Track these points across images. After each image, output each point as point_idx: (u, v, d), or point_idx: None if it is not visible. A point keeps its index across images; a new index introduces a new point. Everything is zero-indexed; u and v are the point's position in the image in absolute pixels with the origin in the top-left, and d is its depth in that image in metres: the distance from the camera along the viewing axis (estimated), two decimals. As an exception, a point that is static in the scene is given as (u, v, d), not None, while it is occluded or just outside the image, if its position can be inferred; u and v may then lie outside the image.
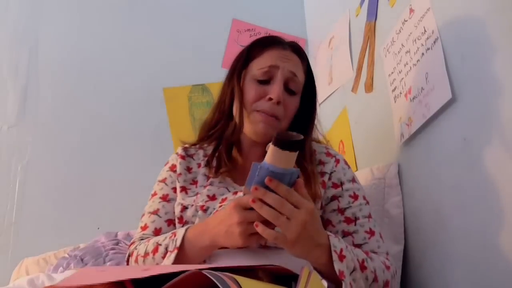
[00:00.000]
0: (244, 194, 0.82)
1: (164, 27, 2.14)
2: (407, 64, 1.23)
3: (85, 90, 2.02)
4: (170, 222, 1.03)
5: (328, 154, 1.08)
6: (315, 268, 0.84)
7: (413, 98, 1.18)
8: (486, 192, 0.91)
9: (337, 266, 0.80)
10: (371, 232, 0.98)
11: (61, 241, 1.65)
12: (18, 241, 1.82)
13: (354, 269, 0.83)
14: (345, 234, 0.98)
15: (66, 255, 1.42)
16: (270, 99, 1.00)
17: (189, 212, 0.99)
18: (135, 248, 0.99)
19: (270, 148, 0.75)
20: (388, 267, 0.92)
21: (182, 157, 1.11)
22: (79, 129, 1.97)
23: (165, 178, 1.10)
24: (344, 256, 0.82)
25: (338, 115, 1.74)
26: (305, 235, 0.77)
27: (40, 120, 1.96)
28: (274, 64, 1.03)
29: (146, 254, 0.95)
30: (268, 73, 1.03)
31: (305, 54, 1.12)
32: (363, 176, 1.34)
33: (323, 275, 0.82)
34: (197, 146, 1.15)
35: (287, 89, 1.03)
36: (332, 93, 1.84)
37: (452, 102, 1.01)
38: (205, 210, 0.98)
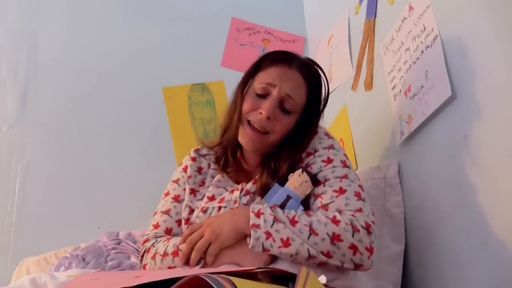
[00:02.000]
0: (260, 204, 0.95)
1: (163, 26, 2.14)
2: (406, 62, 1.23)
3: (85, 90, 2.01)
4: (180, 223, 1.08)
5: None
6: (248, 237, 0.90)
7: (412, 96, 1.18)
8: (487, 190, 0.91)
9: (253, 221, 0.88)
10: (341, 191, 0.94)
11: (61, 241, 1.65)
12: (18, 241, 1.82)
13: (275, 222, 0.87)
14: (315, 198, 0.97)
15: (68, 255, 1.42)
16: (261, 113, 1.03)
17: (194, 214, 1.05)
18: (153, 245, 1.02)
19: (295, 175, 0.98)
20: (337, 221, 0.88)
21: (193, 159, 1.15)
22: (79, 129, 1.96)
23: (178, 179, 1.14)
24: (262, 213, 0.89)
25: (338, 113, 1.74)
26: (216, 225, 0.92)
27: (40, 120, 1.96)
28: (272, 83, 1.05)
29: (165, 254, 0.99)
30: (265, 89, 1.05)
31: (314, 76, 1.12)
32: (363, 175, 1.34)
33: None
34: (212, 148, 1.19)
35: (282, 107, 1.05)
36: (332, 91, 1.83)
37: (452, 100, 1.01)
38: (204, 211, 1.04)
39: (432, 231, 1.09)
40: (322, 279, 0.75)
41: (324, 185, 0.97)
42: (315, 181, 0.97)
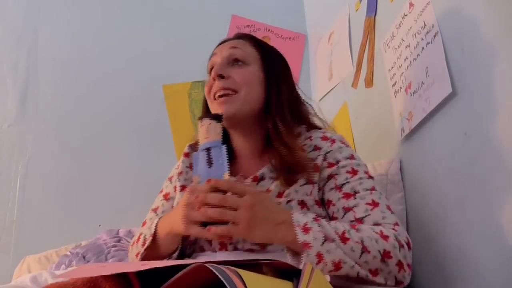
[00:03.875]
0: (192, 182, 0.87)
1: (163, 24, 2.14)
2: (407, 58, 1.22)
3: (85, 88, 2.01)
4: None
5: (324, 137, 1.01)
6: (286, 249, 0.82)
7: (413, 93, 1.18)
8: (488, 187, 0.91)
9: (302, 237, 0.77)
10: (374, 204, 0.89)
11: (62, 239, 1.66)
12: (19, 239, 1.82)
13: (326, 240, 0.77)
14: (346, 211, 0.91)
15: (68, 253, 1.42)
16: (213, 79, 1.00)
17: None
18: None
19: (199, 130, 0.89)
20: (386, 237, 0.81)
21: (186, 155, 1.12)
22: (80, 127, 1.96)
23: (172, 176, 1.12)
24: (310, 229, 0.78)
25: (338, 110, 1.74)
26: (257, 217, 0.78)
27: (40, 118, 1.96)
28: (212, 58, 1.05)
29: (132, 243, 0.98)
30: (210, 65, 1.05)
31: (250, 36, 1.10)
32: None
33: (294, 254, 0.80)
34: None
35: (233, 62, 1.02)
36: (332, 88, 1.83)
37: (453, 96, 1.01)
38: None
39: (433, 227, 1.09)
40: (327, 277, 0.76)
41: (354, 198, 0.91)
42: (218, 117, 0.91)
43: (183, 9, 2.17)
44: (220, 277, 0.51)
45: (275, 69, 1.05)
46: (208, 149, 0.87)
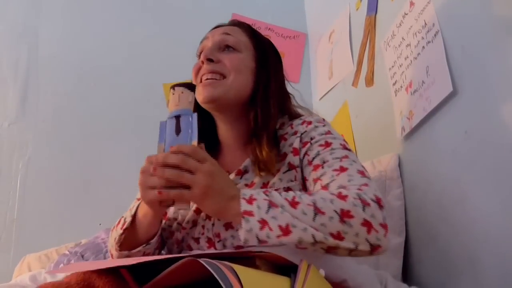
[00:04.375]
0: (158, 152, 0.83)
1: (163, 22, 2.14)
2: (407, 57, 1.22)
3: (85, 87, 2.01)
4: None
5: (303, 122, 0.97)
6: (236, 226, 0.80)
7: (413, 92, 1.18)
8: (487, 185, 0.91)
9: (244, 207, 0.74)
10: (342, 169, 0.83)
11: (62, 238, 1.66)
12: (20, 238, 1.82)
13: (271, 207, 0.73)
14: (315, 182, 0.86)
15: (67, 252, 1.42)
16: (202, 62, 0.98)
17: (171, 209, 0.98)
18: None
19: (171, 98, 0.85)
20: (344, 196, 0.75)
21: None
22: (80, 126, 1.96)
23: None
24: (255, 199, 0.75)
25: (338, 109, 1.74)
26: (214, 187, 0.75)
27: (40, 116, 1.96)
28: (203, 45, 1.02)
29: (113, 227, 0.95)
30: (201, 48, 1.02)
31: (245, 24, 1.07)
32: (364, 169, 1.34)
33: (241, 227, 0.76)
34: None
35: (224, 47, 0.99)
36: (333, 87, 1.83)
37: (453, 95, 1.01)
38: None
39: (433, 226, 1.09)
40: (321, 272, 0.75)
41: (322, 167, 0.85)
42: (191, 86, 0.89)
43: (184, 7, 2.17)
44: (214, 274, 0.50)
45: (267, 60, 1.03)
46: (177, 117, 0.83)
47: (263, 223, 0.72)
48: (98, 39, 2.07)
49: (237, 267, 0.52)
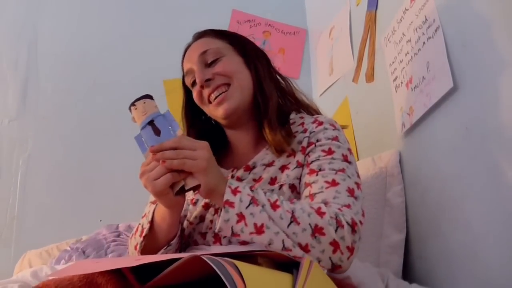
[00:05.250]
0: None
1: (163, 19, 2.13)
2: (408, 53, 1.22)
3: (85, 83, 2.01)
4: None
5: (314, 121, 0.99)
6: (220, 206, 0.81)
7: (414, 88, 1.17)
8: (488, 181, 0.91)
9: (227, 196, 0.78)
10: (333, 183, 0.85)
11: (63, 234, 1.66)
12: (20, 234, 1.83)
13: (252, 203, 0.77)
14: (305, 186, 0.89)
15: (68, 248, 1.42)
16: (201, 87, 0.99)
17: (184, 206, 0.97)
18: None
19: (132, 114, 0.89)
20: (322, 213, 0.78)
21: None
22: (80, 122, 1.96)
23: None
24: (239, 191, 0.79)
25: (339, 105, 1.74)
26: (213, 160, 0.80)
27: (40, 113, 1.96)
28: (187, 66, 1.04)
29: (131, 235, 0.97)
30: (188, 74, 1.03)
31: (213, 30, 1.09)
32: (365, 165, 1.34)
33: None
34: None
35: (209, 64, 1.00)
36: (333, 83, 1.83)
37: (454, 91, 1.00)
38: (194, 203, 0.98)
39: (434, 222, 1.09)
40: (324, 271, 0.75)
41: (317, 175, 0.88)
42: (148, 96, 0.91)
43: (184, 3, 2.17)
44: (216, 269, 0.50)
45: (246, 49, 1.05)
46: (150, 122, 0.87)
47: (241, 217, 0.76)
48: (97, 36, 2.07)
49: (239, 264, 0.52)
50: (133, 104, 0.89)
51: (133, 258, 0.63)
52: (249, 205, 0.77)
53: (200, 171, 0.78)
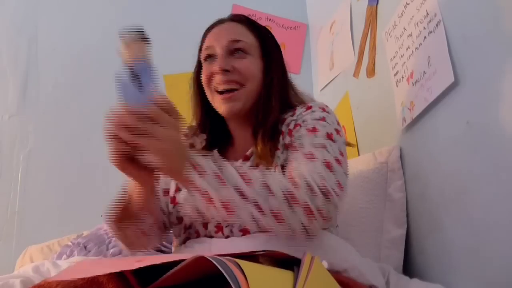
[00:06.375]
0: None
1: (163, 13, 2.12)
2: (409, 48, 1.22)
3: (85, 78, 2.01)
4: (166, 193, 1.02)
5: (304, 106, 0.99)
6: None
7: (415, 82, 1.17)
8: (489, 176, 0.91)
9: (192, 177, 0.72)
10: (310, 156, 0.84)
11: (64, 229, 1.66)
12: (22, 230, 1.83)
13: (218, 181, 0.72)
14: (288, 162, 0.88)
15: (69, 243, 1.43)
16: (216, 72, 0.98)
17: (181, 195, 0.97)
18: None
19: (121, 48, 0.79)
20: (295, 183, 0.77)
21: (185, 135, 1.10)
22: (80, 118, 1.96)
23: None
24: (204, 171, 0.73)
25: (339, 100, 1.73)
26: (177, 145, 0.72)
27: (41, 109, 1.96)
28: (211, 44, 1.02)
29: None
30: (209, 50, 1.02)
31: (249, 20, 1.06)
32: (365, 160, 1.34)
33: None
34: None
35: (235, 52, 1.00)
36: (334, 78, 1.83)
37: (455, 86, 1.00)
38: None
39: (435, 217, 1.09)
40: (324, 264, 0.75)
41: (297, 151, 0.87)
42: (143, 34, 0.82)
43: (184, -2, 2.16)
44: (220, 269, 0.50)
45: (271, 55, 1.04)
46: (134, 71, 0.79)
47: (207, 196, 0.71)
48: (97, 31, 2.06)
49: (242, 263, 0.53)
50: (123, 36, 0.80)
51: (134, 259, 0.63)
52: (216, 183, 0.72)
53: (159, 153, 0.69)
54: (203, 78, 1.02)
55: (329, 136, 0.89)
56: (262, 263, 0.65)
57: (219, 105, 1.00)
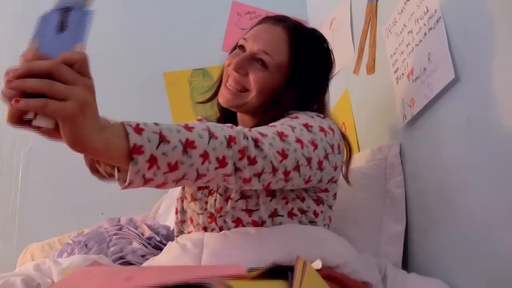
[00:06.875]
0: None
1: (163, 11, 2.12)
2: (409, 44, 1.21)
3: (85, 76, 2.01)
4: None
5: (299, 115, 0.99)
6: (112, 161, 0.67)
7: (415, 79, 1.17)
8: (490, 172, 0.91)
9: (134, 139, 0.63)
10: (272, 125, 0.86)
11: (65, 227, 1.67)
12: (22, 228, 1.83)
13: (162, 141, 0.66)
14: None
15: (70, 241, 1.43)
16: (234, 69, 1.00)
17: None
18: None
19: None
20: (231, 127, 0.76)
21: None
22: (81, 115, 1.96)
23: None
24: (143, 129, 0.66)
25: (340, 97, 1.73)
26: (93, 105, 0.60)
27: (41, 106, 1.96)
28: (248, 37, 1.02)
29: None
30: (243, 42, 1.03)
31: (304, 36, 1.06)
32: (364, 156, 1.34)
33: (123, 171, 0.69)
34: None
35: (258, 61, 0.99)
36: (334, 75, 1.82)
37: (455, 82, 1.00)
38: None
39: (434, 213, 1.09)
40: (318, 264, 0.75)
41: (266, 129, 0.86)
42: None
43: (184, -4, 2.16)
44: None
45: (302, 81, 1.02)
46: (67, 10, 0.63)
47: (153, 161, 0.65)
48: (97, 28, 2.04)
49: (233, 283, 0.50)
50: None
51: (123, 276, 0.57)
52: (159, 144, 0.66)
53: (65, 119, 0.59)
54: (226, 61, 1.04)
55: (304, 125, 0.88)
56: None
57: (221, 92, 1.03)
